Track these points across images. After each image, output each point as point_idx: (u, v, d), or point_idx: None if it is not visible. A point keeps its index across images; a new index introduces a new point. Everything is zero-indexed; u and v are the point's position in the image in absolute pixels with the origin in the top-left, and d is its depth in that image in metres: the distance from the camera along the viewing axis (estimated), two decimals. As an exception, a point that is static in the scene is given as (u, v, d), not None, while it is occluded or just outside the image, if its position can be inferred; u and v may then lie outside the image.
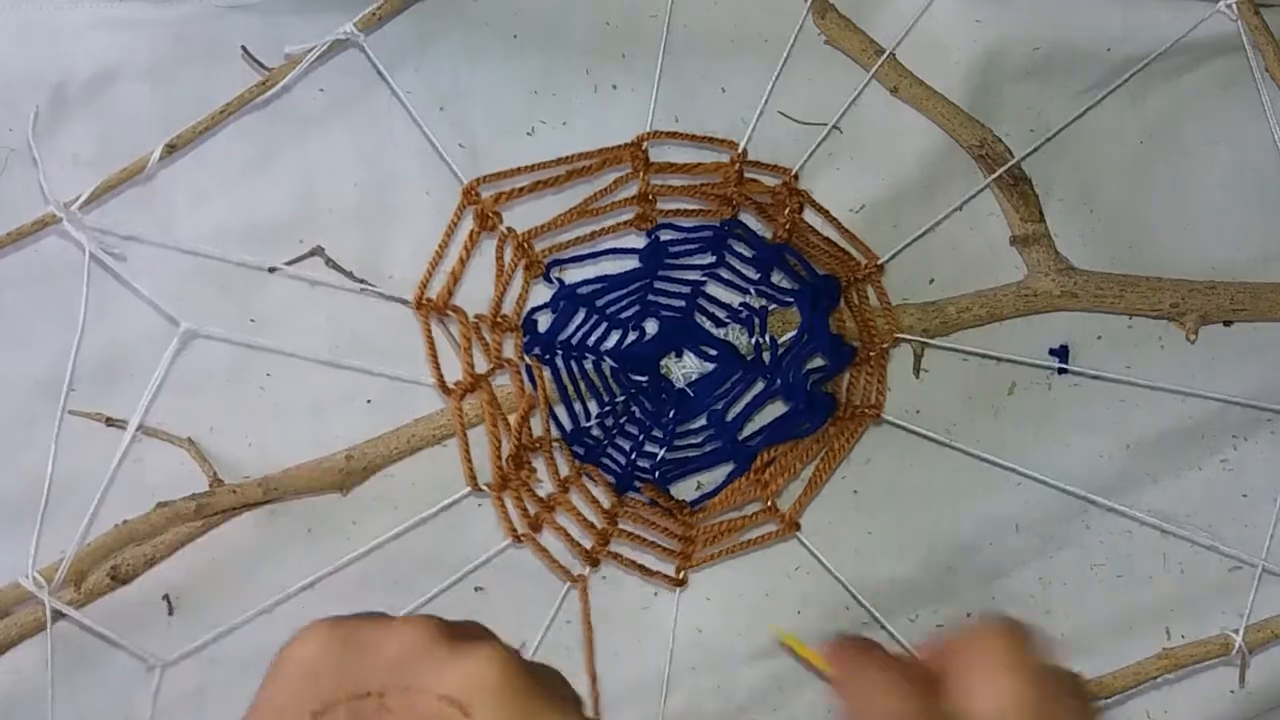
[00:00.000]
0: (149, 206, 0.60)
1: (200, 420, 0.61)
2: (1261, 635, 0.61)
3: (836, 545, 0.65)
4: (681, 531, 0.60)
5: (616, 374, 0.61)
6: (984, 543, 0.66)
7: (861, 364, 0.62)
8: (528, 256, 0.59)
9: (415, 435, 0.60)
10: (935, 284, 0.65)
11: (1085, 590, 0.66)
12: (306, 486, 0.59)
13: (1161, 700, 0.66)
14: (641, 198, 0.60)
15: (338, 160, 0.61)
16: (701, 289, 0.63)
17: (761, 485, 0.61)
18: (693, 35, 0.63)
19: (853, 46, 0.62)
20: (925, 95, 0.62)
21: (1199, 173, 0.67)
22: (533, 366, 0.59)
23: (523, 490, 0.58)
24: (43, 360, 0.59)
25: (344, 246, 0.61)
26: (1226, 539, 0.64)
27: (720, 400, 0.62)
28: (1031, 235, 0.63)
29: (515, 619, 0.63)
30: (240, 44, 0.58)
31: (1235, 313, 0.64)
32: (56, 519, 0.57)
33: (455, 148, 0.59)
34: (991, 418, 0.66)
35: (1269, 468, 0.66)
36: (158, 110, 0.59)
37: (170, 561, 0.59)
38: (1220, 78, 0.67)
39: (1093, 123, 0.65)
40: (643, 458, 0.62)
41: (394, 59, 0.59)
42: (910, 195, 0.65)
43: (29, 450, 0.59)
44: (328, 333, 0.61)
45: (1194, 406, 0.66)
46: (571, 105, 0.63)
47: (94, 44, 0.58)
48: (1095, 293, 0.63)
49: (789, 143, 0.63)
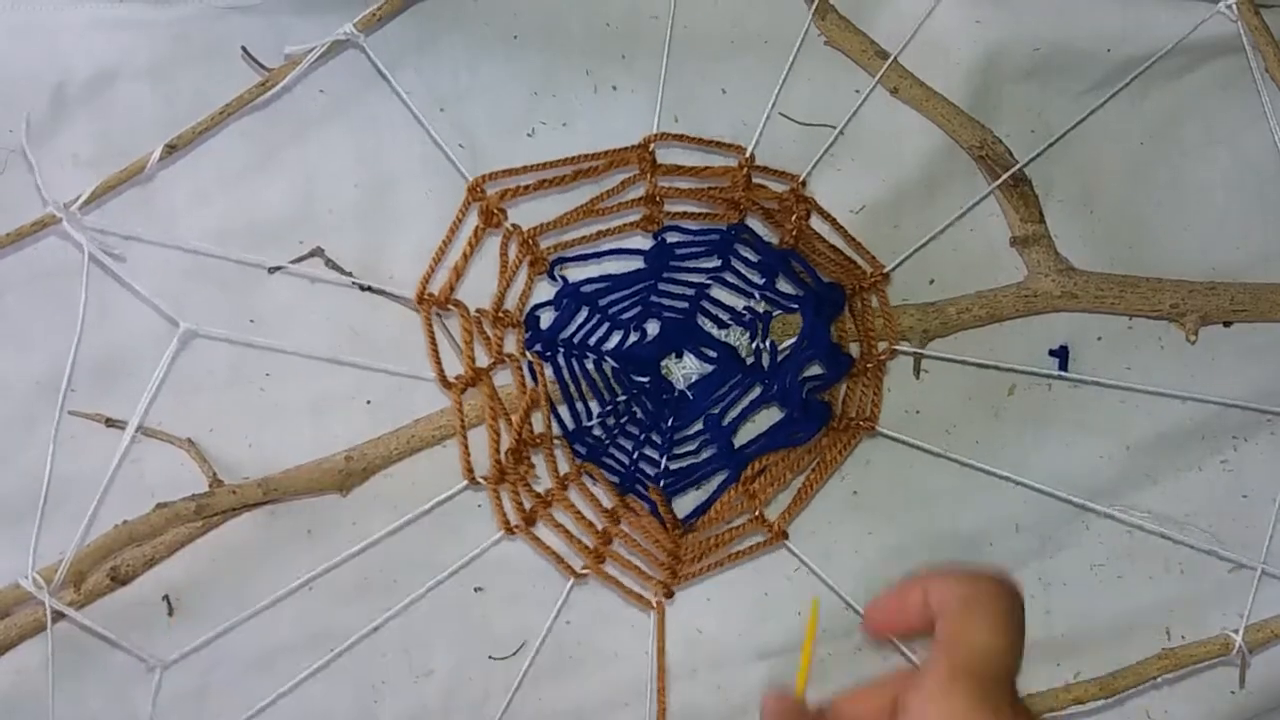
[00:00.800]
0: (149, 207, 0.60)
1: (200, 421, 0.61)
2: (1261, 635, 0.61)
3: (836, 546, 0.65)
4: (670, 548, 0.60)
5: (618, 374, 0.61)
6: (984, 543, 0.66)
7: (859, 374, 0.62)
8: (532, 253, 0.59)
9: (415, 436, 0.60)
10: (935, 285, 0.65)
11: (1085, 590, 0.66)
12: (306, 487, 0.59)
13: (1162, 700, 0.66)
14: (648, 199, 0.60)
15: (338, 161, 0.61)
16: (706, 292, 0.63)
17: (750, 496, 0.60)
18: (693, 36, 0.63)
19: (853, 48, 0.62)
20: (925, 96, 0.62)
21: (1199, 173, 0.67)
22: (534, 363, 0.59)
23: (519, 485, 0.58)
24: (43, 361, 0.59)
25: (344, 247, 0.61)
26: (1227, 539, 0.64)
27: (717, 404, 0.62)
28: (1031, 236, 0.63)
29: (515, 619, 0.63)
30: (240, 45, 0.58)
31: (1235, 313, 0.64)
32: (56, 519, 0.56)
33: (455, 148, 0.59)
34: (991, 418, 0.66)
35: (1269, 468, 0.66)
36: (158, 111, 0.59)
37: (170, 562, 0.59)
38: (1220, 78, 0.67)
39: (1093, 124, 0.65)
40: (644, 461, 0.62)
41: (394, 60, 0.59)
42: (911, 196, 0.65)
43: (29, 450, 0.59)
44: (328, 333, 0.61)
45: (1194, 407, 0.66)
46: (571, 106, 0.63)
47: (94, 44, 0.58)
48: (1095, 293, 0.63)
49: (789, 144, 0.63)
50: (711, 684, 0.65)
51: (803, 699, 0.45)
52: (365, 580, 0.62)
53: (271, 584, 0.58)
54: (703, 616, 0.64)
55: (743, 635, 0.65)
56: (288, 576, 0.58)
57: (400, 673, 0.63)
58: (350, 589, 0.61)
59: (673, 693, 0.63)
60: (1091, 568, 0.67)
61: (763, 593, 0.65)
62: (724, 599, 0.65)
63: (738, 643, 0.65)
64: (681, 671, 0.64)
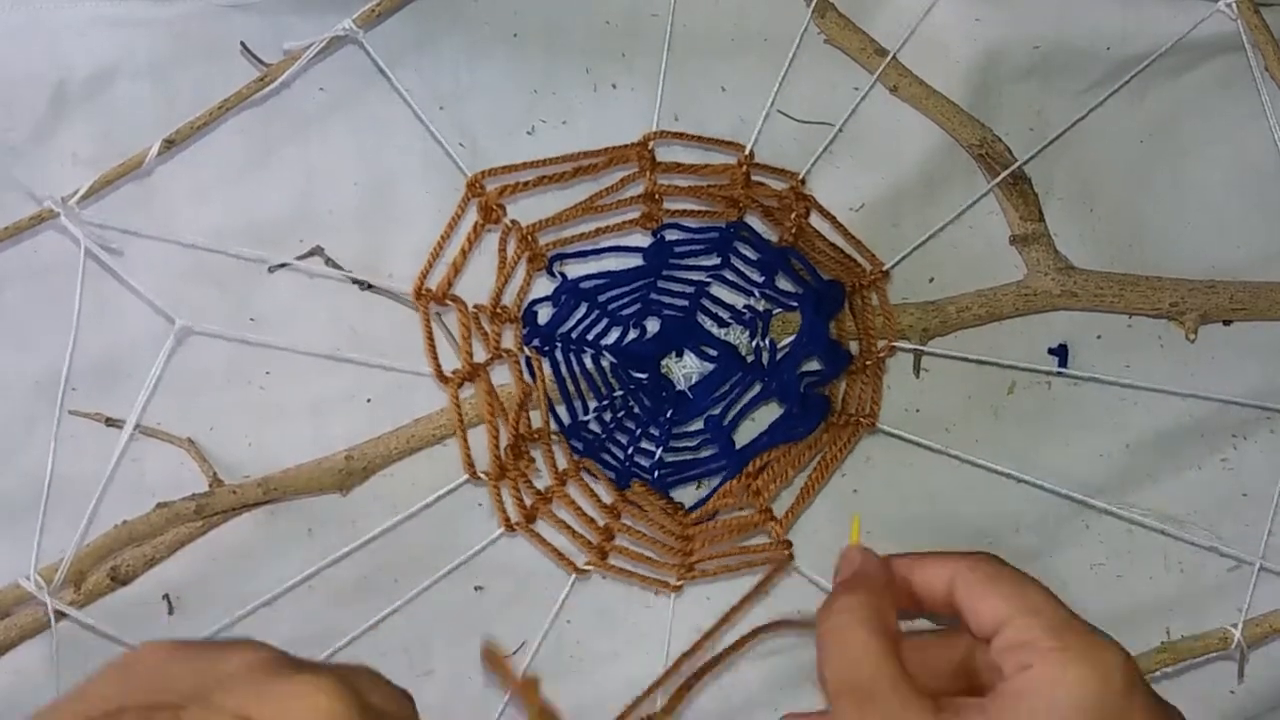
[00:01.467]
0: (149, 205, 0.60)
1: (200, 420, 0.61)
2: (1260, 630, 0.62)
3: (836, 544, 0.64)
4: (680, 531, 0.60)
5: (616, 370, 0.61)
6: (984, 542, 0.66)
7: (858, 371, 0.62)
8: (531, 249, 0.59)
9: (415, 435, 0.60)
10: (935, 283, 0.65)
11: (1085, 590, 0.66)
12: (306, 487, 0.59)
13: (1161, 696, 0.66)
14: (648, 197, 0.60)
15: (337, 159, 0.61)
16: (705, 290, 0.63)
17: (754, 493, 0.60)
18: (692, 34, 0.63)
19: (852, 46, 0.62)
20: (924, 94, 0.62)
21: (1199, 172, 0.67)
22: (532, 358, 0.59)
23: (520, 481, 0.58)
24: (42, 360, 0.59)
25: (344, 245, 0.61)
26: (1227, 537, 0.64)
27: (718, 403, 0.62)
28: (1031, 235, 0.63)
29: (515, 619, 0.63)
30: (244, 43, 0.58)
31: (1235, 312, 0.64)
32: (56, 519, 0.56)
33: (455, 147, 0.59)
34: (991, 416, 0.66)
35: (1269, 466, 0.66)
36: (158, 109, 0.59)
37: (170, 561, 0.59)
38: (1220, 77, 0.67)
39: (1093, 122, 0.65)
40: (640, 454, 0.62)
41: (394, 59, 0.59)
42: (910, 194, 0.65)
43: (28, 450, 0.59)
44: (327, 331, 0.61)
45: (1194, 405, 0.66)
46: (571, 105, 0.63)
47: (94, 42, 0.58)
48: (1095, 292, 0.63)
49: (788, 142, 0.63)
50: (712, 684, 0.65)
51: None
52: (366, 581, 0.62)
53: (272, 584, 0.58)
54: (703, 616, 0.64)
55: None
56: (288, 577, 0.58)
57: (400, 672, 0.63)
58: (351, 589, 0.61)
59: (672, 693, 0.63)
60: (1091, 566, 0.67)
61: (763, 592, 0.65)
62: (724, 598, 0.64)
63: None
64: (681, 671, 0.64)
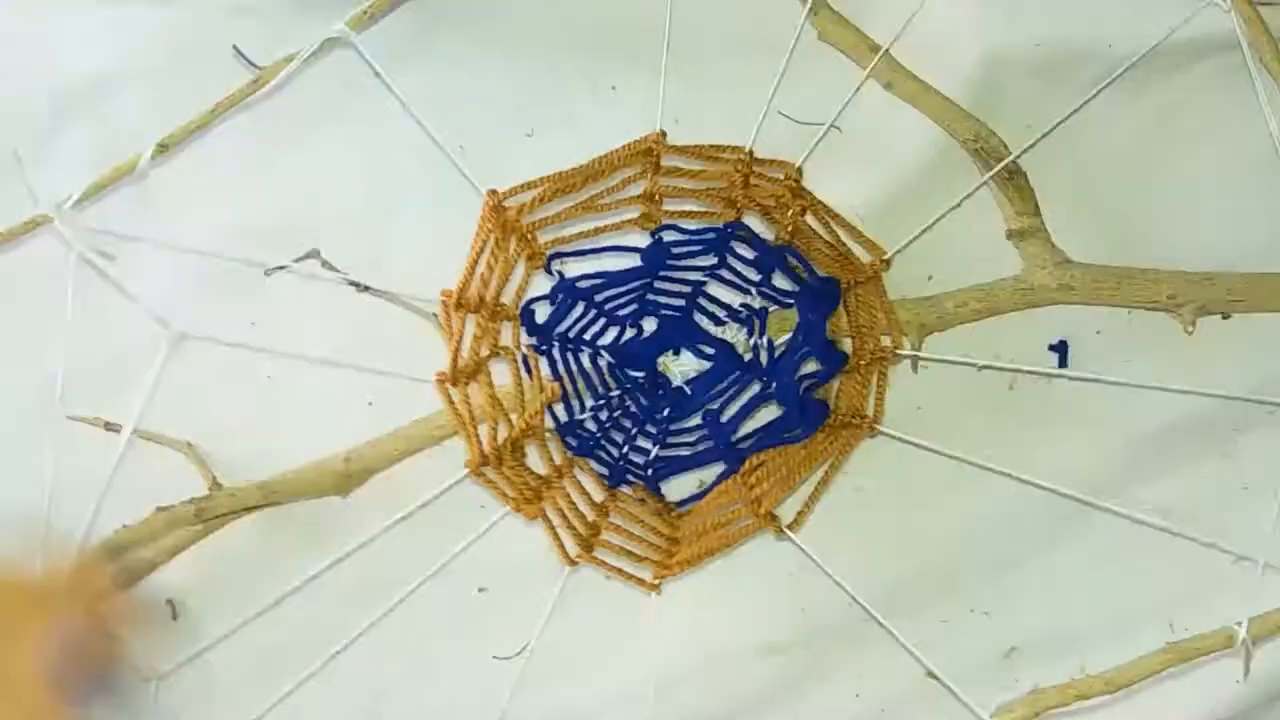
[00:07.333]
0: (147, 210, 0.60)
1: (199, 424, 0.61)
2: (1265, 627, 0.61)
3: (836, 542, 0.64)
4: (668, 532, 0.60)
5: (613, 369, 0.62)
6: (985, 538, 0.66)
7: (853, 371, 0.62)
8: (530, 248, 0.59)
9: (415, 436, 0.60)
10: (933, 280, 0.65)
11: (1088, 585, 0.66)
12: (305, 490, 0.59)
13: (1166, 694, 0.66)
14: (648, 197, 0.60)
15: (336, 161, 0.61)
16: (702, 289, 0.63)
17: (749, 489, 0.60)
18: (692, 35, 0.63)
19: (847, 43, 0.63)
20: (919, 91, 0.62)
21: (1196, 166, 0.67)
22: (529, 356, 0.60)
23: (521, 469, 0.58)
24: (44, 365, 0.59)
25: (342, 247, 0.61)
26: (1228, 531, 0.64)
27: (716, 400, 0.62)
28: (1027, 229, 0.63)
29: (518, 619, 0.63)
30: (235, 46, 0.58)
31: (1233, 304, 0.64)
32: (56, 523, 0.56)
33: (455, 148, 0.59)
34: (992, 413, 0.66)
35: (1269, 460, 0.66)
36: (157, 113, 0.59)
37: (173, 566, 0.59)
38: (1217, 72, 0.67)
39: (1090, 117, 0.65)
40: (635, 453, 0.62)
41: (393, 59, 0.59)
42: (908, 191, 0.65)
43: (29, 456, 0.59)
44: (326, 334, 0.61)
45: (1194, 399, 0.66)
46: (571, 105, 0.63)
47: (94, 47, 0.58)
48: (1092, 285, 0.63)
49: (787, 141, 0.63)
50: (712, 683, 0.64)
51: None
52: (369, 584, 0.61)
53: (273, 588, 0.58)
54: (703, 615, 0.64)
55: (744, 634, 0.65)
56: (290, 580, 0.58)
57: (403, 673, 0.63)
58: (354, 593, 0.61)
59: (673, 692, 0.63)
60: (1093, 563, 0.66)
61: (764, 591, 0.65)
62: (724, 598, 0.64)
63: (739, 641, 0.65)
64: (682, 670, 0.64)
